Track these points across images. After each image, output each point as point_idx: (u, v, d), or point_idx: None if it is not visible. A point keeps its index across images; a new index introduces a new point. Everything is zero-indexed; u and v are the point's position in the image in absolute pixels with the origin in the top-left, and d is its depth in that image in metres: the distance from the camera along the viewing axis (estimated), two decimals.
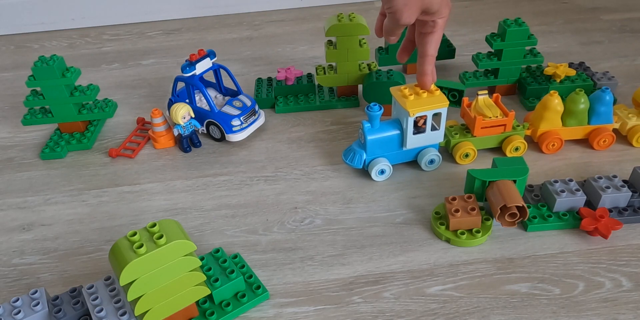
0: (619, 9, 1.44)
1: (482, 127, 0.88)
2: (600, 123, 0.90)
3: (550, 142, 0.90)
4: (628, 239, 0.76)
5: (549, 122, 0.89)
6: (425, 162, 0.89)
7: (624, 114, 0.93)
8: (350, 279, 0.73)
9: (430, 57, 0.78)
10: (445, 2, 0.73)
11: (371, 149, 0.86)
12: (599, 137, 0.90)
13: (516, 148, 0.90)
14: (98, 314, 0.62)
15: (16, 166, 0.99)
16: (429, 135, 0.87)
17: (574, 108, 0.88)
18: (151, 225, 0.58)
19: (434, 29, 0.75)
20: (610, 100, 0.88)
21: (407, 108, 0.80)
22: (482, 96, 0.90)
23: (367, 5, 1.59)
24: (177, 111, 0.94)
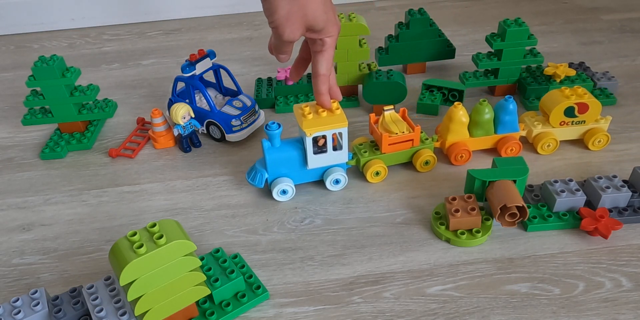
0: (619, 9, 1.44)
1: (389, 143, 0.87)
2: (507, 132, 0.90)
3: (458, 153, 0.89)
4: (628, 239, 0.76)
5: (455, 134, 0.89)
6: (331, 182, 0.86)
7: (530, 122, 0.92)
8: (350, 279, 0.73)
9: (323, 77, 0.75)
10: (333, 21, 0.71)
11: (272, 168, 0.84)
12: (505, 146, 0.89)
13: (426, 162, 0.89)
14: (98, 314, 0.62)
15: (16, 166, 0.99)
16: (332, 154, 0.84)
17: (479, 119, 0.87)
18: (151, 225, 0.58)
19: (322, 48, 0.73)
20: (514, 109, 0.88)
21: (303, 128, 0.78)
22: (388, 112, 0.88)
23: (367, 5, 1.59)
24: (177, 111, 0.94)
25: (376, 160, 0.88)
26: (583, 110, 0.88)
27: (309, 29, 0.70)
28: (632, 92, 1.08)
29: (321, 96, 0.77)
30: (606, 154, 0.92)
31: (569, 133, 0.92)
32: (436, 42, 1.12)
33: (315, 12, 0.67)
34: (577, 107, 0.88)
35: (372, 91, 1.02)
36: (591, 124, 0.91)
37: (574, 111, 0.88)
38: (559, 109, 0.88)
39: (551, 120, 0.90)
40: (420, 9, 1.10)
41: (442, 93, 1.06)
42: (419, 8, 1.10)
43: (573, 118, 0.89)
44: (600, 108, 0.89)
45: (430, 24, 1.10)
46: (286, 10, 0.65)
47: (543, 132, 0.91)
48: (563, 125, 0.90)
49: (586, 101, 0.88)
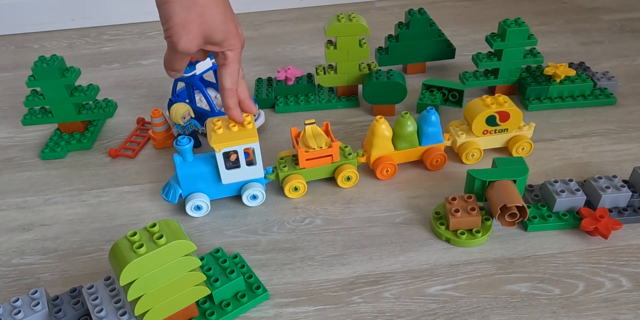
0: (619, 9, 1.44)
1: (307, 159, 0.85)
2: (431, 143, 0.89)
3: (383, 168, 0.87)
4: (628, 239, 0.76)
5: (380, 148, 0.87)
6: (247, 197, 0.84)
7: (455, 131, 0.91)
8: (350, 279, 0.73)
9: (228, 91, 0.72)
10: (234, 33, 0.68)
11: (185, 183, 0.82)
12: (430, 158, 0.88)
13: (347, 177, 0.87)
14: (98, 314, 0.61)
15: (16, 166, 0.99)
16: (246, 170, 0.82)
17: (401, 132, 0.86)
18: (151, 225, 0.58)
19: (225, 62, 0.70)
20: (437, 120, 0.87)
21: (211, 143, 0.76)
22: (309, 125, 0.84)
23: (367, 5, 1.59)
24: (177, 111, 0.94)
25: (295, 175, 0.86)
26: (504, 119, 0.88)
27: (208, 41, 0.66)
28: (632, 92, 1.08)
29: (229, 111, 0.75)
30: (606, 154, 0.92)
31: (492, 141, 0.91)
32: (436, 42, 1.12)
33: (214, 21, 0.64)
34: (498, 115, 0.87)
35: (372, 91, 1.02)
36: (514, 131, 0.90)
37: (496, 120, 0.88)
38: (480, 118, 0.87)
39: (474, 129, 0.89)
40: (420, 9, 1.10)
41: (442, 93, 1.06)
42: (419, 8, 1.10)
43: (495, 126, 0.89)
44: (521, 116, 0.88)
45: (430, 24, 1.10)
46: (182, 18, 0.62)
47: (467, 141, 0.90)
48: (486, 134, 0.90)
49: (506, 109, 0.87)
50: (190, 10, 0.62)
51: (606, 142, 0.95)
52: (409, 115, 0.86)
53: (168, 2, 0.61)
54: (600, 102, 1.04)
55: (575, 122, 1.00)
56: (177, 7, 0.61)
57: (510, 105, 0.88)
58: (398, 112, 1.06)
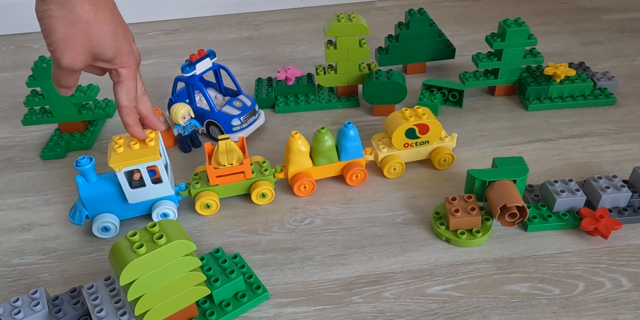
0: (619, 9, 1.44)
1: (217, 176, 0.82)
2: (351, 158, 0.87)
3: (301, 184, 0.85)
4: (628, 239, 0.76)
5: (297, 164, 0.85)
6: (158, 216, 0.81)
7: (376, 145, 0.89)
8: (350, 279, 0.73)
9: (125, 108, 0.70)
10: (126, 50, 0.66)
11: (90, 205, 0.79)
12: (350, 173, 0.86)
13: (262, 194, 0.85)
14: (98, 314, 0.61)
15: (16, 166, 0.99)
16: (154, 188, 0.79)
17: (319, 147, 0.84)
18: (151, 225, 0.58)
19: (119, 79, 0.68)
20: (355, 135, 0.85)
21: (109, 163, 0.74)
22: (222, 141, 0.82)
23: (367, 5, 1.59)
24: (177, 111, 0.94)
25: (207, 192, 0.83)
26: (424, 131, 0.86)
27: (97, 57, 0.64)
28: (632, 92, 1.08)
29: (128, 128, 0.72)
30: (606, 154, 0.92)
31: (415, 154, 0.90)
32: (436, 42, 1.12)
33: (102, 39, 0.62)
34: (417, 128, 0.86)
35: (372, 91, 1.02)
36: (436, 143, 0.89)
37: (416, 132, 0.86)
38: (399, 132, 0.86)
39: (394, 143, 0.87)
40: (420, 9, 1.10)
41: (442, 93, 1.06)
42: (419, 8, 1.10)
43: (416, 139, 0.87)
44: (440, 128, 0.87)
45: (430, 24, 1.10)
46: (64, 34, 0.59)
47: (389, 155, 0.88)
48: (408, 147, 0.88)
49: (425, 122, 0.85)
50: (73, 27, 0.59)
51: (606, 142, 0.95)
52: (326, 130, 0.83)
53: (49, 17, 0.59)
54: (600, 102, 1.04)
55: (575, 122, 1.00)
56: (58, 23, 0.59)
57: (428, 117, 0.86)
58: None
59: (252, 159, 0.88)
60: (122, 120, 0.72)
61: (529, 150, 0.94)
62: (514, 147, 0.95)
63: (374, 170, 0.91)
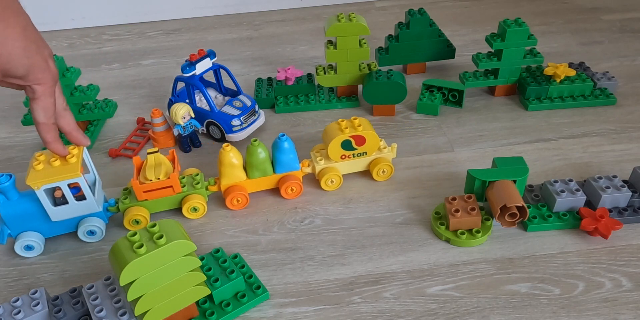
0: (619, 9, 1.44)
1: (144, 191, 0.80)
2: (286, 171, 0.85)
3: (233, 197, 0.83)
4: (628, 239, 0.76)
5: (229, 177, 0.83)
6: (84, 233, 0.79)
7: (314, 157, 0.88)
8: (350, 279, 0.73)
9: (42, 125, 0.68)
10: (41, 67, 0.64)
11: (12, 223, 0.76)
12: (285, 186, 0.85)
13: (194, 208, 0.83)
14: (98, 314, 0.61)
15: (16, 166, 0.99)
16: (77, 205, 0.76)
17: (252, 160, 0.82)
18: (151, 225, 0.58)
19: (34, 96, 0.65)
20: (290, 147, 0.83)
21: (27, 182, 0.71)
22: (151, 155, 0.81)
23: (367, 5, 1.59)
24: (177, 111, 0.94)
25: (137, 208, 0.81)
26: (361, 142, 0.85)
27: (7, 74, 0.62)
28: (632, 92, 1.08)
29: (48, 145, 0.70)
30: (606, 154, 0.92)
31: (353, 166, 0.88)
32: (436, 42, 1.12)
33: (12, 55, 0.60)
34: (353, 139, 0.84)
35: (372, 91, 1.02)
36: (375, 154, 0.88)
37: (352, 144, 0.85)
38: (335, 144, 0.84)
39: (330, 155, 0.85)
40: (420, 9, 1.10)
41: (442, 93, 1.06)
42: (419, 8, 1.10)
43: (353, 151, 0.86)
44: (377, 139, 0.85)
45: (430, 24, 1.10)
46: None
47: (326, 167, 0.87)
48: (345, 159, 0.86)
49: (361, 133, 0.83)
50: None
51: (606, 142, 0.95)
52: (259, 143, 0.82)
53: None
54: (600, 102, 1.04)
55: (575, 122, 1.00)
56: None
57: (364, 128, 0.84)
58: (398, 112, 1.06)
59: (186, 172, 0.87)
60: (41, 137, 0.70)
61: (529, 150, 0.94)
62: (514, 147, 0.95)
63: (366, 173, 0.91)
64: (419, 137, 0.99)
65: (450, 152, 0.95)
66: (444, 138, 0.98)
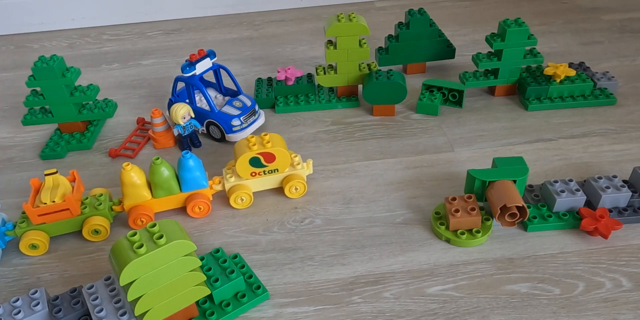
0: (619, 9, 1.44)
1: (39, 214, 0.76)
2: (192, 189, 0.82)
3: (136, 217, 0.80)
4: (628, 239, 0.76)
5: (132, 197, 0.80)
6: None
7: (225, 174, 0.85)
8: (350, 279, 0.73)
9: None
10: None
11: None
12: (191, 205, 0.82)
13: (95, 231, 0.80)
14: (98, 314, 0.61)
15: (16, 166, 0.99)
16: None
17: (155, 179, 0.80)
18: (151, 225, 0.58)
19: None
20: (195, 165, 0.81)
21: None
22: (50, 176, 0.78)
23: (367, 5, 1.59)
24: (177, 111, 0.94)
25: (34, 232, 0.78)
26: (270, 160, 0.83)
27: None
28: (632, 92, 1.08)
29: None
30: (606, 154, 0.92)
31: (265, 183, 0.86)
32: (436, 42, 1.12)
33: None
34: (262, 157, 0.82)
35: (372, 91, 1.02)
36: (288, 170, 0.85)
37: (261, 161, 0.82)
38: (242, 161, 0.82)
39: (239, 172, 0.83)
40: (420, 9, 1.10)
41: (442, 93, 1.06)
42: (419, 8, 1.10)
43: (263, 168, 0.83)
44: (286, 155, 0.83)
45: (430, 24, 1.10)
46: None
47: (236, 184, 0.84)
48: (256, 176, 0.84)
49: (269, 150, 0.81)
50: None
51: (606, 142, 0.95)
52: (162, 161, 0.79)
53: None
54: (600, 102, 1.04)
55: (575, 122, 1.00)
56: None
57: (273, 145, 0.82)
58: (398, 112, 1.06)
59: (92, 192, 0.84)
60: None
61: (529, 150, 0.94)
62: (514, 147, 0.95)
63: (366, 174, 0.91)
64: (419, 137, 0.99)
65: (450, 152, 0.95)
66: (444, 138, 0.98)
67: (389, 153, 0.95)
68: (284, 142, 0.85)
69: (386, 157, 0.94)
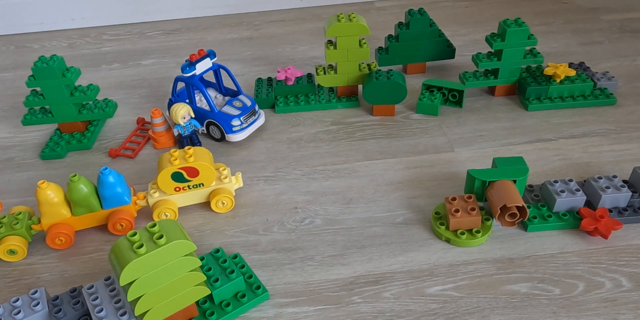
0: (619, 9, 1.44)
1: None
2: (114, 206, 0.80)
3: (55, 236, 0.78)
4: (628, 239, 0.76)
5: (50, 215, 0.78)
6: None
7: (150, 189, 0.83)
8: (350, 279, 0.73)
9: None
10: None
11: None
12: (112, 222, 0.80)
13: (10, 251, 0.77)
14: (98, 314, 0.61)
15: (16, 166, 0.99)
16: None
17: (73, 197, 0.77)
18: (151, 225, 0.58)
19: None
20: (115, 181, 0.78)
21: None
22: None
23: (367, 5, 1.59)
24: (177, 111, 0.94)
25: None
26: (193, 174, 0.81)
27: None
28: (632, 92, 1.08)
29: None
30: (606, 154, 0.92)
31: (190, 198, 0.84)
32: (436, 42, 1.12)
33: None
34: (184, 171, 0.80)
35: (372, 91, 1.02)
36: (215, 184, 0.84)
37: (184, 176, 0.80)
38: (164, 176, 0.80)
39: (162, 187, 0.81)
40: (420, 9, 1.10)
41: (442, 93, 1.06)
42: (419, 8, 1.10)
43: (187, 182, 0.81)
44: (211, 169, 0.81)
45: (430, 24, 1.10)
46: None
47: (160, 200, 0.82)
48: (180, 191, 0.82)
49: (191, 165, 0.80)
50: None
51: (606, 142, 0.95)
52: (79, 178, 0.77)
53: None
54: (600, 102, 1.03)
55: (575, 122, 1.00)
56: None
57: (196, 159, 0.80)
58: (398, 112, 1.06)
59: (12, 210, 0.82)
60: None
61: (529, 150, 0.94)
62: (514, 147, 0.95)
63: (366, 174, 0.91)
64: (419, 137, 0.99)
65: (450, 152, 0.95)
66: (444, 138, 0.98)
67: (389, 153, 0.95)
68: (210, 156, 0.84)
69: (386, 157, 0.94)
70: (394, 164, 0.92)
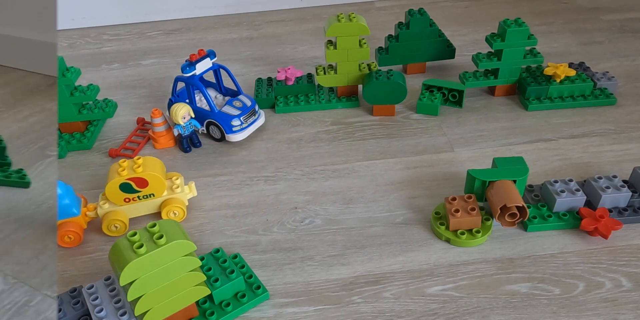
0: (619, 9, 1.44)
1: None
2: (61, 218, 0.78)
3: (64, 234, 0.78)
4: (628, 239, 0.76)
5: None
6: None
7: (100, 200, 0.82)
8: (350, 279, 0.73)
9: None
10: None
11: None
12: (60, 235, 0.78)
13: None
14: (98, 314, 0.61)
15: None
16: None
17: None
18: (151, 225, 0.58)
19: None
20: (64, 193, 0.77)
21: None
22: None
23: (367, 5, 1.59)
24: (177, 111, 0.94)
25: None
26: (143, 185, 0.79)
27: None
28: (632, 92, 1.08)
29: None
30: (606, 154, 0.92)
31: (141, 208, 0.82)
32: (436, 42, 1.12)
33: None
34: (133, 182, 0.79)
35: (372, 91, 1.02)
36: (166, 194, 0.82)
37: (133, 187, 0.79)
38: (112, 187, 0.78)
39: (111, 199, 0.80)
40: (420, 9, 1.10)
41: (442, 93, 1.06)
42: (419, 8, 1.10)
43: (137, 193, 0.80)
44: (161, 180, 0.80)
45: (430, 24, 1.10)
46: None
47: (109, 211, 0.81)
48: (130, 202, 0.81)
49: (139, 175, 0.78)
50: None
51: (606, 142, 0.95)
52: None
53: None
54: (600, 102, 1.03)
55: (575, 122, 1.00)
56: None
57: (145, 169, 0.79)
58: (398, 112, 1.06)
59: None
60: None
61: (529, 150, 0.94)
62: (514, 147, 0.95)
63: (366, 174, 0.91)
64: (419, 137, 0.99)
65: (450, 152, 0.95)
66: (444, 138, 0.98)
67: (389, 153, 0.95)
68: (162, 166, 0.83)
69: (386, 157, 0.94)
70: (394, 164, 0.92)
